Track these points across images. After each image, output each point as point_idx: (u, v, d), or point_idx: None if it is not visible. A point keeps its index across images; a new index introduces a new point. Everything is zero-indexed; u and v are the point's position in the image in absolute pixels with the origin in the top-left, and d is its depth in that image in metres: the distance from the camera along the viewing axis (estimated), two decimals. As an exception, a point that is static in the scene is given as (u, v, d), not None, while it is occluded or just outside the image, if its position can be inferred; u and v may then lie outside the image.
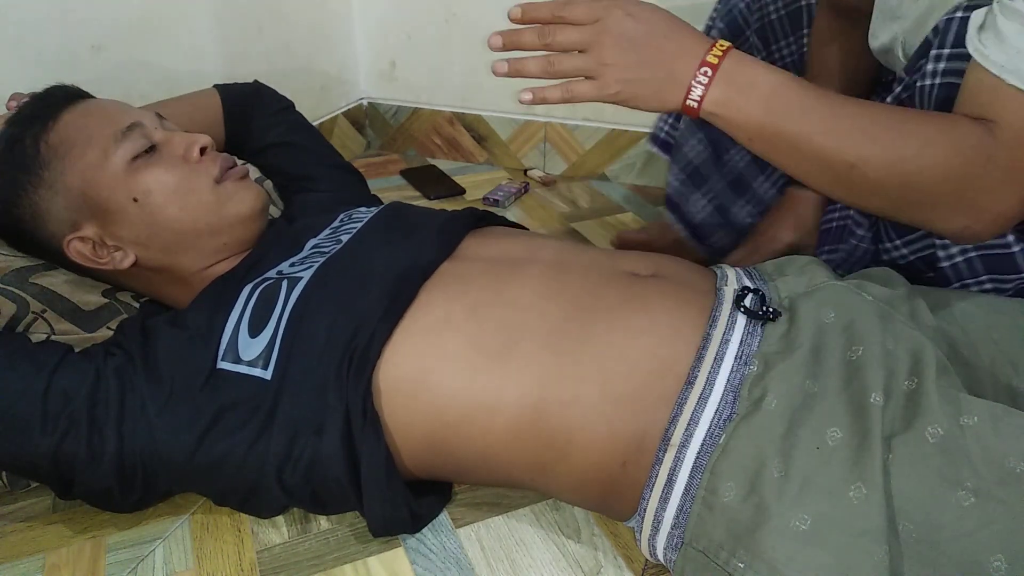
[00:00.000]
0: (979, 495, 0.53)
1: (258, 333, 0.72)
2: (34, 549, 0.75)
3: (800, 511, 0.56)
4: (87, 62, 1.09)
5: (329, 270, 0.76)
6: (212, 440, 0.70)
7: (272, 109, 1.08)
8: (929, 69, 0.66)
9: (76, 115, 0.77)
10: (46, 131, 0.75)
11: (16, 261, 0.79)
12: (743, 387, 0.63)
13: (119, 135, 0.76)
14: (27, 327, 0.76)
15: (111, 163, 0.75)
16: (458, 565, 0.73)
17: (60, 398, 0.69)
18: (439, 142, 1.78)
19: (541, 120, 1.66)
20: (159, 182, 0.77)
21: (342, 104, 1.73)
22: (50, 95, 0.79)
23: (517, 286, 0.73)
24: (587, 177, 1.67)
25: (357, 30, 1.71)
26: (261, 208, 0.84)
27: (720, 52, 0.65)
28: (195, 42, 1.28)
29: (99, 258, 0.78)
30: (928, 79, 0.66)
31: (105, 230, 0.77)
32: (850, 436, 0.58)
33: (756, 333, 0.67)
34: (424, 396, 0.69)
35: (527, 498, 0.81)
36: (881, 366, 0.62)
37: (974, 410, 0.57)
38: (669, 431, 0.64)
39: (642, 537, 0.66)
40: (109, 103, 0.81)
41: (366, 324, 0.70)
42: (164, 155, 0.78)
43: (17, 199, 0.76)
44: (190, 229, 0.79)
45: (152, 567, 0.73)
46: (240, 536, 0.77)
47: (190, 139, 0.80)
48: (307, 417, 0.69)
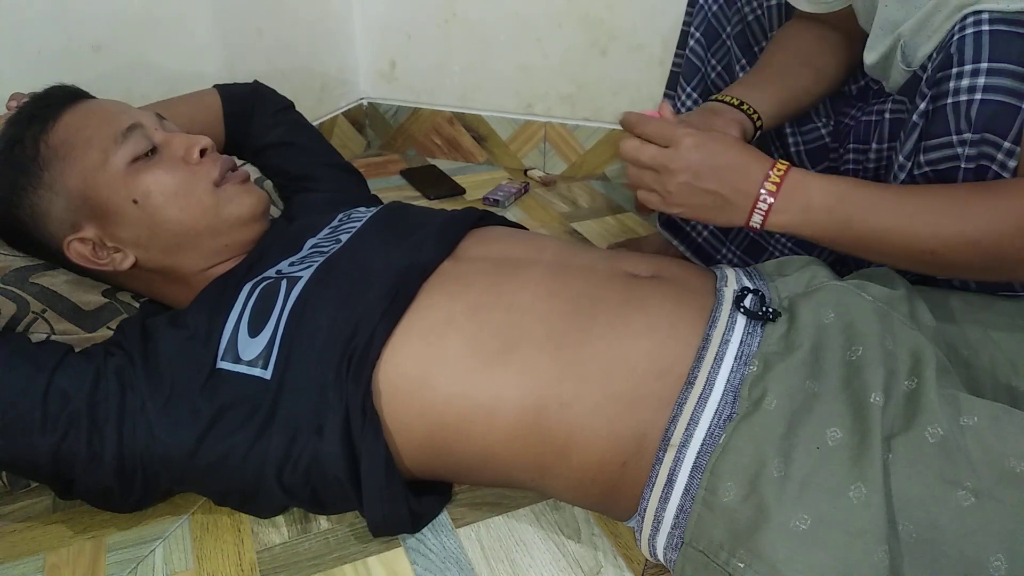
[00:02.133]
0: (979, 495, 0.53)
1: (258, 333, 0.72)
2: (34, 549, 0.75)
3: (800, 511, 0.56)
4: (87, 62, 1.09)
5: (328, 269, 0.76)
6: (212, 440, 0.70)
7: (272, 109, 1.08)
8: (964, 84, 0.65)
9: (76, 116, 0.77)
10: (46, 132, 0.75)
11: (16, 261, 0.79)
12: (743, 387, 0.63)
13: (119, 136, 0.76)
14: (27, 327, 0.76)
15: (111, 165, 0.75)
16: (458, 565, 0.73)
17: (60, 398, 0.69)
18: (439, 142, 1.78)
19: (541, 120, 1.66)
20: (159, 184, 0.77)
21: (342, 104, 1.73)
22: (50, 95, 0.79)
23: (517, 286, 0.73)
24: (587, 177, 1.67)
25: (357, 30, 1.71)
26: (261, 211, 0.84)
27: (779, 176, 0.70)
28: (195, 42, 1.28)
29: (99, 259, 0.78)
30: (964, 95, 0.66)
31: (105, 231, 0.77)
32: (850, 436, 0.58)
33: (756, 333, 0.67)
34: (424, 396, 0.69)
35: (527, 498, 0.81)
36: (881, 366, 0.62)
37: (974, 410, 0.57)
38: (669, 431, 0.64)
39: (642, 537, 0.66)
40: (109, 103, 0.81)
41: (366, 323, 0.70)
42: (164, 157, 0.78)
43: (17, 199, 0.76)
44: (190, 231, 0.79)
45: (152, 567, 0.74)
46: (240, 536, 0.77)
47: (190, 141, 0.80)
48: (307, 416, 0.69)
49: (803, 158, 1.02)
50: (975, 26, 0.65)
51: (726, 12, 1.04)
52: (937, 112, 0.69)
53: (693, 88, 1.08)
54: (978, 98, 0.65)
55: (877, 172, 0.90)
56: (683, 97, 1.10)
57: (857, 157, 0.93)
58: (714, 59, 1.06)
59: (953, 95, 0.67)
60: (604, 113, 1.60)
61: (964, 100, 0.66)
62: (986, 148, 0.66)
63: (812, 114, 1.00)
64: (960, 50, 0.66)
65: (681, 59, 1.10)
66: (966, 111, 0.66)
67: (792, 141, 1.02)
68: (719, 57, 1.06)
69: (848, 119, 0.97)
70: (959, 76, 0.66)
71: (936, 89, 0.69)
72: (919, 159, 0.72)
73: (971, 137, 0.66)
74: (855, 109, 0.96)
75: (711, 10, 1.04)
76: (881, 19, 0.79)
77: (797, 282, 0.72)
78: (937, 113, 0.69)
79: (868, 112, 0.92)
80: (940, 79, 0.68)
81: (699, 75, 1.07)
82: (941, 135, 0.69)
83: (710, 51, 1.06)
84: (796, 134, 1.01)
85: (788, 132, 1.02)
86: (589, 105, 1.61)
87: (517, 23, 1.57)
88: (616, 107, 1.58)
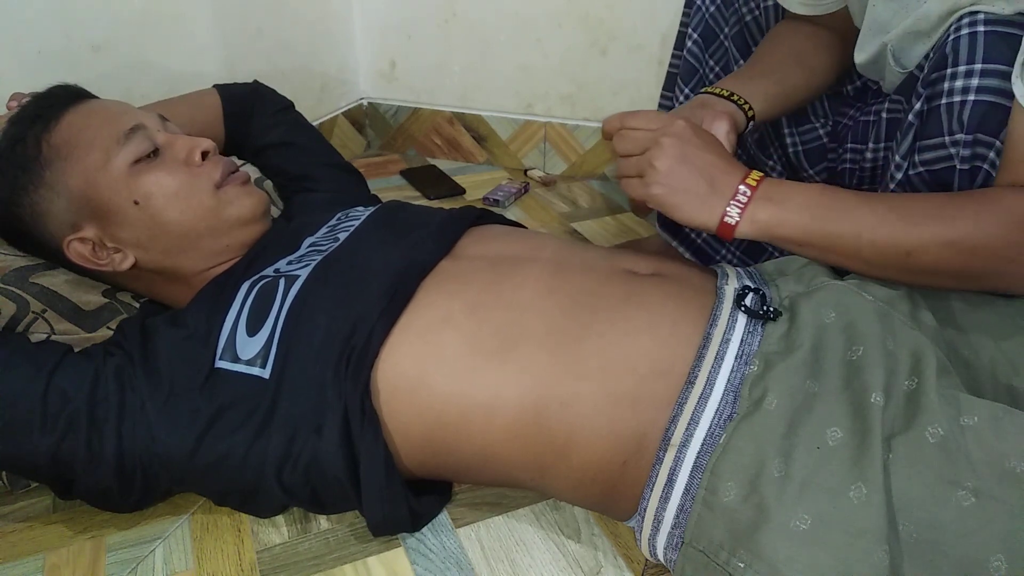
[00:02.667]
0: (979, 495, 0.53)
1: (256, 332, 0.72)
2: (34, 549, 0.75)
3: (800, 511, 0.56)
4: (87, 62, 1.09)
5: (327, 268, 0.76)
6: (211, 439, 0.70)
7: (272, 109, 1.08)
8: (958, 86, 0.66)
9: (79, 115, 0.77)
10: (48, 131, 0.75)
11: (16, 261, 0.79)
12: (743, 387, 0.63)
13: (122, 137, 0.76)
14: (27, 327, 0.76)
15: (113, 166, 0.75)
16: (458, 565, 0.73)
17: (59, 398, 0.69)
18: (439, 142, 1.78)
19: (541, 120, 1.66)
20: (160, 186, 0.77)
21: (342, 104, 1.73)
22: (52, 95, 0.79)
23: (516, 285, 0.73)
24: (587, 177, 1.67)
25: (357, 30, 1.71)
26: (262, 212, 0.84)
27: (756, 180, 0.70)
28: (195, 42, 1.28)
29: (99, 259, 0.78)
30: (958, 96, 0.66)
31: (105, 232, 0.77)
32: (850, 436, 0.58)
33: (756, 332, 0.67)
34: (423, 395, 0.69)
35: (527, 498, 0.81)
36: (881, 366, 0.62)
37: (974, 410, 0.57)
38: (669, 431, 0.64)
39: (642, 537, 0.66)
40: (112, 103, 0.81)
41: (364, 322, 0.70)
42: (166, 159, 0.78)
43: (18, 199, 0.76)
44: (190, 232, 0.79)
45: (152, 567, 0.73)
46: (240, 536, 0.77)
47: (192, 143, 0.80)
48: (306, 416, 0.69)
49: (801, 159, 1.02)
50: (970, 27, 0.65)
51: (724, 13, 1.03)
52: (931, 112, 0.69)
53: (692, 89, 1.08)
54: (971, 99, 0.65)
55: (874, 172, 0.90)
56: (681, 99, 1.09)
57: (854, 157, 0.93)
58: (712, 60, 1.06)
59: (947, 96, 0.67)
60: (604, 113, 1.59)
61: (957, 101, 0.66)
62: (980, 149, 0.66)
63: (810, 114, 1.00)
64: (955, 51, 0.66)
65: (678, 60, 1.10)
66: (959, 112, 0.66)
67: (791, 141, 1.02)
68: (717, 58, 1.06)
69: (846, 119, 0.97)
70: (953, 77, 0.66)
71: (931, 89, 0.69)
72: (914, 159, 0.72)
73: (964, 138, 0.67)
74: (853, 109, 0.96)
75: (708, 11, 1.04)
76: (870, 19, 0.79)
77: (798, 282, 0.72)
78: (931, 113, 0.69)
79: (866, 112, 0.92)
80: (935, 79, 0.68)
81: (697, 76, 1.07)
82: (935, 135, 0.69)
83: (708, 52, 1.06)
84: (794, 134, 1.01)
85: (786, 132, 1.02)
86: (589, 105, 1.61)
87: (517, 23, 1.57)
88: (616, 107, 1.58)
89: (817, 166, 1.01)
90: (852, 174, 0.94)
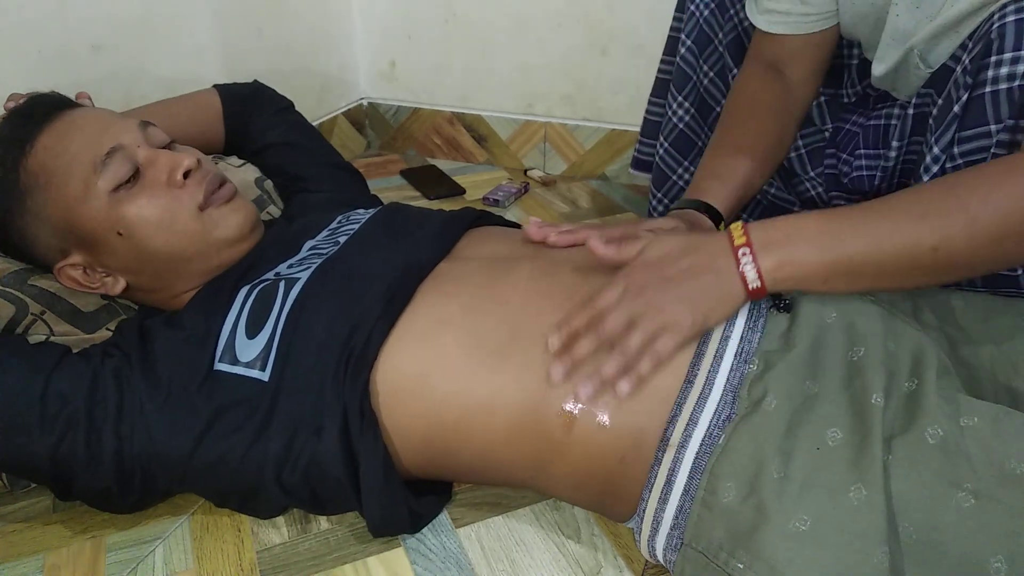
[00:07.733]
0: (979, 496, 0.53)
1: (256, 334, 0.72)
2: (34, 549, 0.75)
3: (800, 512, 0.56)
4: (87, 62, 1.09)
5: (326, 271, 0.76)
6: (210, 441, 0.70)
7: (272, 109, 1.08)
8: (1003, 73, 0.63)
9: (54, 137, 0.73)
10: (24, 156, 0.73)
11: (15, 262, 0.79)
12: (743, 387, 0.63)
13: (99, 163, 0.73)
14: (26, 328, 0.76)
15: (92, 196, 0.73)
16: (458, 565, 0.73)
17: (58, 399, 0.68)
18: (439, 142, 1.78)
19: (541, 120, 1.66)
20: (141, 217, 0.74)
21: (342, 104, 1.73)
22: (29, 112, 0.76)
23: (513, 284, 0.72)
24: (587, 177, 1.67)
25: (357, 30, 1.71)
26: (249, 229, 0.82)
27: (741, 231, 0.64)
28: (195, 42, 1.28)
29: (91, 283, 0.78)
30: (1004, 83, 0.63)
31: (94, 258, 0.76)
32: (850, 437, 0.58)
33: (756, 330, 0.67)
34: (422, 396, 0.69)
35: (527, 498, 0.81)
36: (882, 367, 0.61)
37: (974, 411, 0.57)
38: (668, 431, 0.64)
39: (641, 538, 0.66)
40: (91, 119, 0.77)
41: (363, 324, 0.70)
42: (147, 182, 0.75)
43: (7, 222, 0.75)
44: (178, 257, 0.77)
45: (152, 567, 0.73)
46: (240, 536, 0.77)
47: (174, 162, 0.76)
48: (305, 418, 0.69)
49: (805, 161, 1.01)
50: (1016, 13, 0.63)
51: (718, 18, 1.02)
52: (974, 101, 0.67)
53: (684, 97, 1.07)
54: (1017, 85, 0.63)
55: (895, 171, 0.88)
56: (674, 106, 1.08)
57: (870, 164, 0.91)
58: (706, 65, 1.05)
59: (992, 83, 0.65)
60: (604, 113, 1.60)
61: (1004, 88, 0.64)
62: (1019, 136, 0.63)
63: (813, 117, 1.00)
64: (1001, 36, 0.64)
65: (669, 66, 1.09)
66: (1007, 99, 0.64)
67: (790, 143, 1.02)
68: (711, 63, 1.05)
69: (850, 125, 0.96)
70: (998, 64, 0.64)
71: (975, 78, 0.66)
72: (953, 151, 0.70)
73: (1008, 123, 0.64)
74: (856, 115, 0.95)
75: (702, 15, 1.02)
76: (891, 30, 0.78)
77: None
78: (974, 102, 0.67)
79: (876, 116, 0.91)
80: (979, 68, 0.66)
81: (691, 83, 1.06)
82: (978, 125, 0.66)
83: (702, 58, 1.04)
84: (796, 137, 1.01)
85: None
86: (589, 105, 1.61)
87: (517, 23, 1.57)
88: (616, 107, 1.58)
89: (817, 168, 1.00)
90: (869, 180, 0.91)
